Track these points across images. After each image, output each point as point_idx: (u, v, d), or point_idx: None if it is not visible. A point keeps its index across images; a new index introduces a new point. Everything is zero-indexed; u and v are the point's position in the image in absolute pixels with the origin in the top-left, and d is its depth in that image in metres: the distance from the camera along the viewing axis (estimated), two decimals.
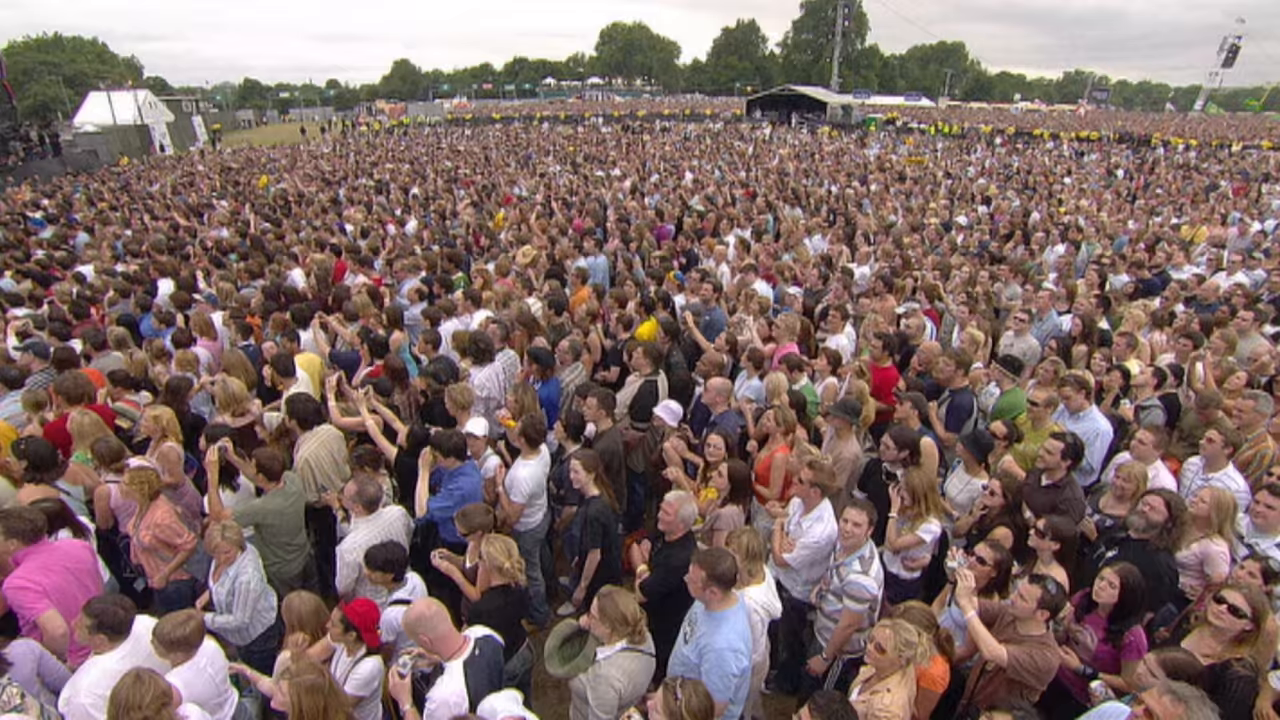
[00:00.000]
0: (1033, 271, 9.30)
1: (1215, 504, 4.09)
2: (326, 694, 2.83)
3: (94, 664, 3.19)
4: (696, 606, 3.38)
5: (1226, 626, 3.26)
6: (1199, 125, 52.96)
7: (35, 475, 4.50)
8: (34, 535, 3.84)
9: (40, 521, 3.89)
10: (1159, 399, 5.60)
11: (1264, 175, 21.72)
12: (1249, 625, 3.26)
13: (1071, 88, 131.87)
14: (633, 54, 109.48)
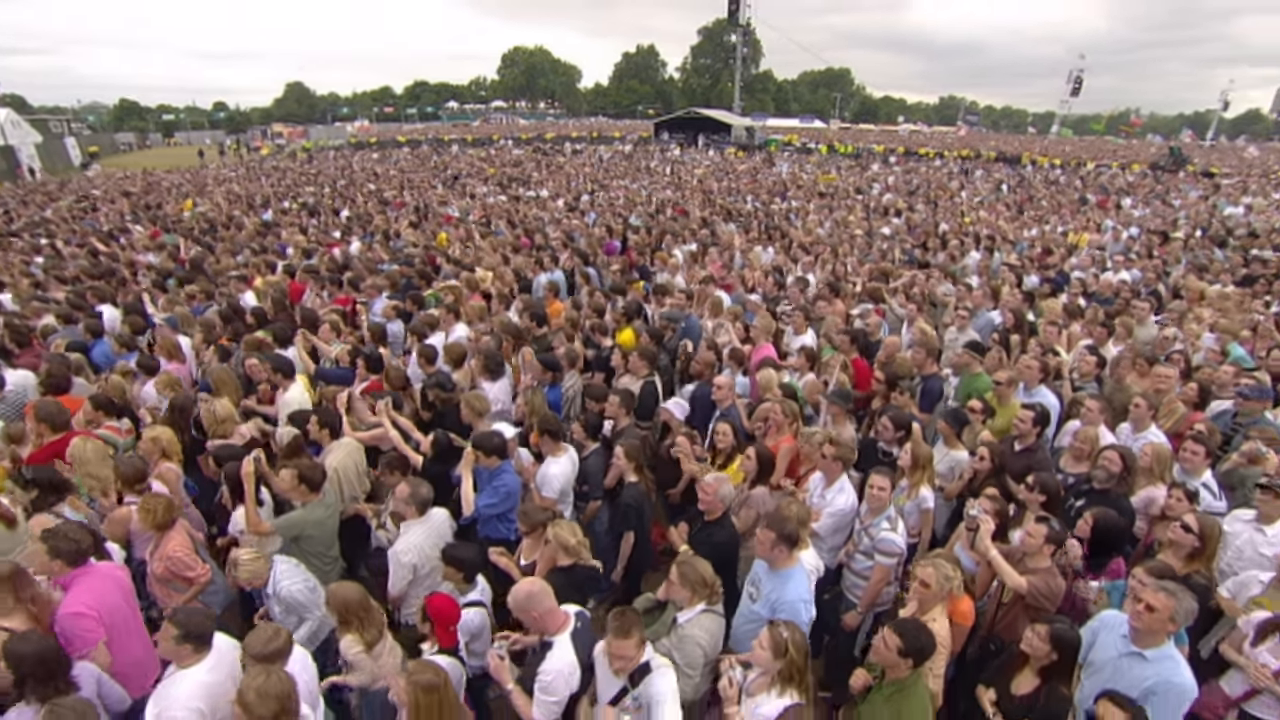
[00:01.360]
0: (958, 274, 10.32)
1: (1155, 456, 4.86)
2: (442, 692, 2.98)
3: (183, 677, 3.18)
4: (758, 568, 3.76)
5: (1181, 541, 3.95)
6: (1057, 146, 58.71)
7: (46, 501, 4.32)
8: (80, 557, 3.73)
9: (86, 543, 3.78)
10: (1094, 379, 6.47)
11: (1119, 189, 24.53)
12: (1198, 543, 3.96)
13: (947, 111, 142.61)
14: (535, 77, 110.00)
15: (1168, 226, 15.37)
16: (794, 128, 75.88)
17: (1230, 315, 8.33)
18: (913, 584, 3.48)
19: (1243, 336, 7.75)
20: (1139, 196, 22.03)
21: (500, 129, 68.22)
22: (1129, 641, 3.28)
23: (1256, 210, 18.96)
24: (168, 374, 6.27)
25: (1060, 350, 7.12)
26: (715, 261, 11.30)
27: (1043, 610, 3.76)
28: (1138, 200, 21.15)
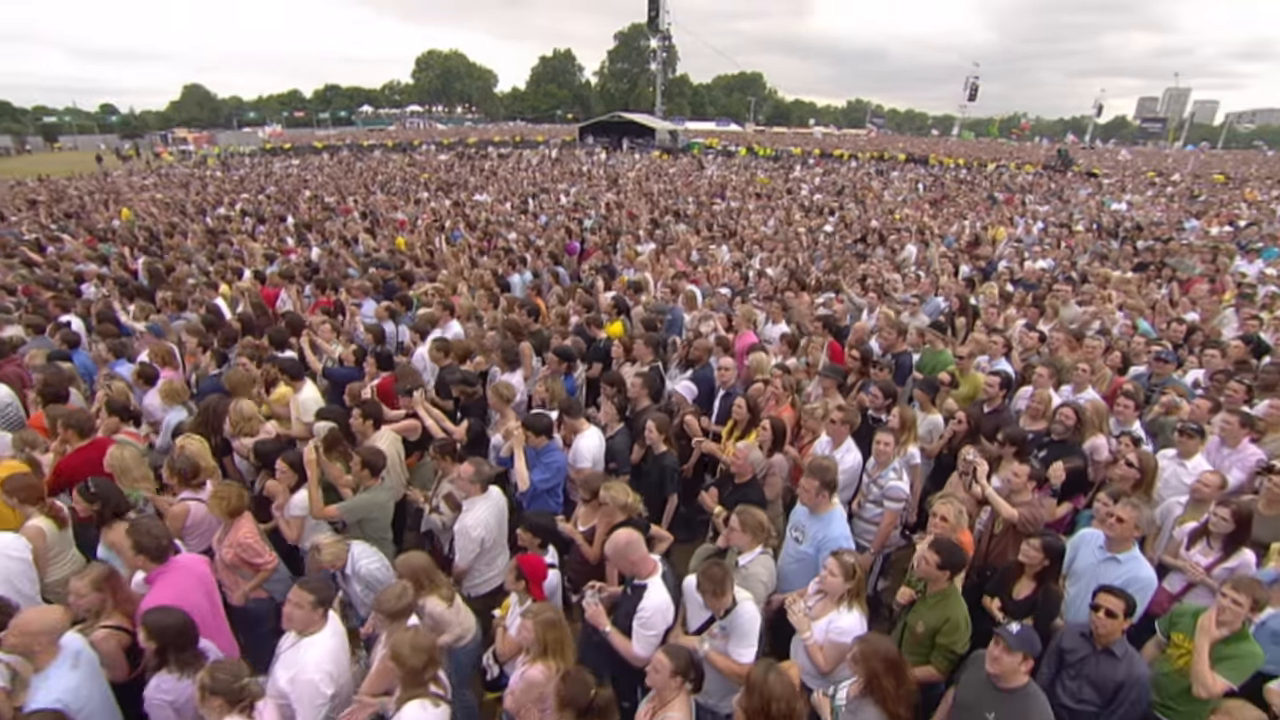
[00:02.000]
0: (903, 265, 11.32)
1: (1096, 411, 5.75)
2: (562, 628, 3.41)
3: (311, 643, 3.45)
4: (800, 515, 4.34)
5: (1127, 475, 4.78)
6: (959, 147, 62.76)
7: (110, 515, 4.40)
8: (162, 553, 3.89)
9: (167, 540, 3.95)
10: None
11: (1020, 188, 26.79)
12: (1139, 475, 4.80)
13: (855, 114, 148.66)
14: (451, 81, 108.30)
15: (1068, 221, 17.09)
16: (712, 130, 77.30)
17: (1134, 296, 9.59)
18: (933, 519, 4.13)
19: (1146, 313, 9.00)
20: (1038, 194, 24.15)
21: (420, 134, 66.97)
22: (1104, 550, 4.05)
23: (1136, 206, 21.23)
24: (169, 382, 6.29)
25: (999, 329, 8.09)
26: (676, 259, 11.91)
27: (1030, 536, 4.50)
28: (1038, 198, 23.21)
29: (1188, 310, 9.14)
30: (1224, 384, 6.32)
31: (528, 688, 3.23)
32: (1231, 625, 3.53)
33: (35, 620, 3.17)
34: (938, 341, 7.28)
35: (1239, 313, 8.98)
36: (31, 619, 3.18)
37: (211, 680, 2.92)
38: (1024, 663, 3.04)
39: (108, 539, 4.34)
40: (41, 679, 3.15)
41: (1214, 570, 4.25)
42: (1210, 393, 6.22)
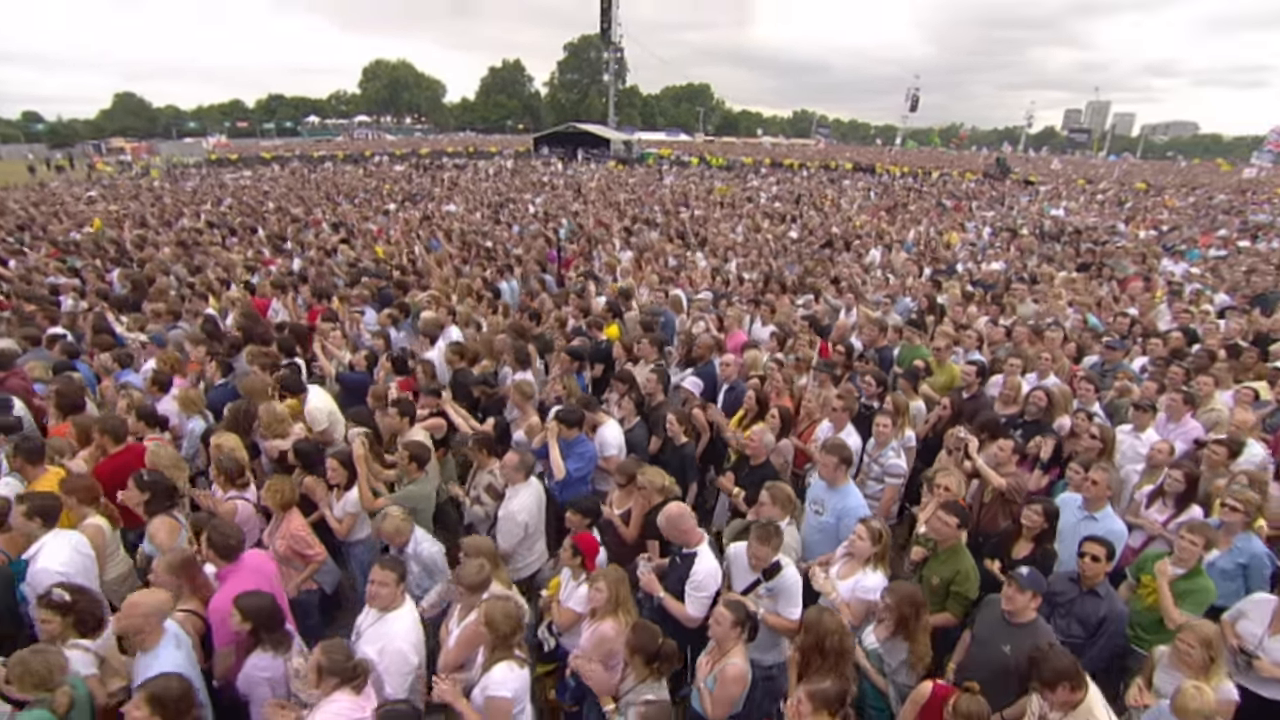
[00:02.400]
0: (869, 268, 12.05)
1: (1062, 394, 6.43)
2: (628, 585, 3.81)
3: (395, 617, 3.74)
4: (818, 490, 4.82)
5: (1092, 446, 5.42)
6: (903, 156, 65.17)
7: (159, 506, 4.60)
8: (233, 552, 4.10)
9: (237, 540, 4.17)
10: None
11: (965, 195, 28.23)
12: (1102, 445, 5.45)
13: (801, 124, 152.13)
14: (399, 92, 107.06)
15: (1013, 226, 18.24)
16: (663, 140, 77.85)
17: (1081, 294, 10.48)
18: (937, 490, 4.66)
19: (1093, 309, 9.86)
20: (983, 201, 25.54)
21: (370, 144, 66.06)
22: (1083, 510, 4.65)
23: (1073, 212, 22.71)
24: (187, 391, 6.43)
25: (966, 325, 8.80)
26: (654, 266, 12.38)
27: (1014, 502, 5.08)
28: (983, 204, 24.56)
29: (1128, 306, 10.05)
30: (1165, 368, 7.11)
31: (600, 641, 3.61)
32: (1187, 563, 4.15)
33: (144, 601, 3.41)
34: (914, 337, 7.90)
35: (1171, 307, 9.93)
36: (140, 600, 3.41)
37: (327, 660, 3.20)
38: (1033, 600, 3.58)
39: (151, 531, 4.54)
40: (152, 657, 3.38)
41: (1169, 525, 4.90)
42: (1155, 376, 6.99)
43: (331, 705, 3.12)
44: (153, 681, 3.00)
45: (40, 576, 4.03)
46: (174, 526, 4.52)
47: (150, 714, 2.88)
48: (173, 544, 4.46)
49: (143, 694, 2.91)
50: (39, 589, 4.03)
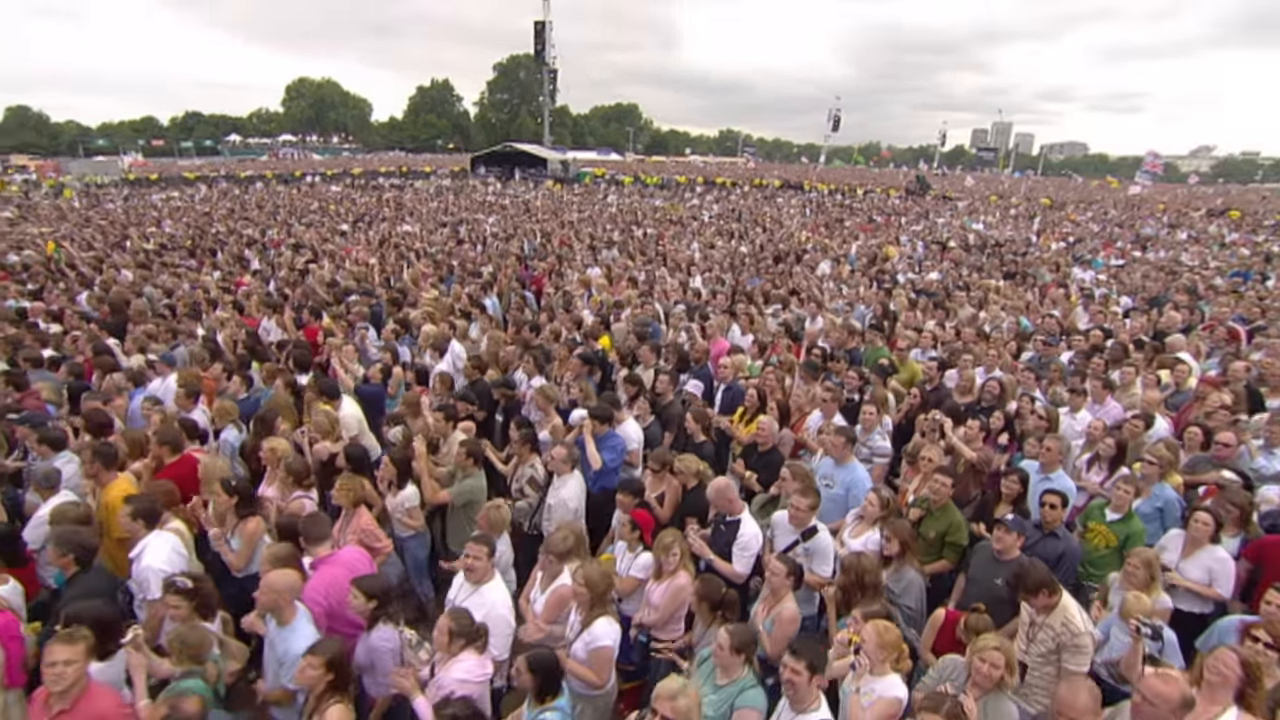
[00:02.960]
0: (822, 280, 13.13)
1: (1011, 383, 7.49)
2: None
3: (493, 587, 4.27)
4: (826, 466, 5.62)
5: (1039, 425, 6.43)
6: (829, 174, 68.26)
7: (247, 509, 4.99)
8: (325, 540, 4.60)
9: (327, 530, 4.65)
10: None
11: (894, 211, 30.23)
12: (1047, 424, 6.47)
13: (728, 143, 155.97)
14: (325, 110, 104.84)
15: (942, 239, 19.89)
16: (595, 160, 78.45)
17: (1011, 299, 11.81)
18: (923, 461, 5.52)
19: (1023, 312, 11.17)
20: (910, 217, 27.47)
21: (299, 164, 64.59)
22: (1040, 474, 5.60)
23: (991, 226, 24.78)
24: (223, 403, 6.74)
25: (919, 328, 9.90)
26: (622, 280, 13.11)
27: (982, 472, 6.02)
28: (910, 219, 26.44)
29: (1051, 309, 11.41)
30: (1088, 361, 8.30)
31: (676, 593, 4.27)
32: (1121, 508, 5.14)
33: (281, 581, 3.86)
34: (876, 339, 8.90)
35: (1087, 310, 11.35)
36: (276, 578, 3.86)
37: (456, 624, 3.73)
38: (1018, 539, 4.46)
39: (244, 530, 4.94)
40: (290, 631, 3.83)
41: (1105, 484, 5.92)
42: (1080, 367, 8.18)
43: (460, 665, 3.64)
44: (323, 644, 3.49)
45: (146, 574, 4.40)
46: (261, 525, 4.93)
47: (325, 672, 3.37)
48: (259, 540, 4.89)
49: (317, 656, 3.39)
50: (145, 585, 4.42)
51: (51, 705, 3.33)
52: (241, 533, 4.91)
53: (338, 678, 3.39)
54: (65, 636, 3.34)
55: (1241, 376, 7.76)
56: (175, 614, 3.94)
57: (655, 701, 2.97)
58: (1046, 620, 3.90)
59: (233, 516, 4.95)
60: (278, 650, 3.81)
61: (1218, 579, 4.74)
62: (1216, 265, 16.81)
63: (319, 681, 3.34)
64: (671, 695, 2.94)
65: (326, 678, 3.35)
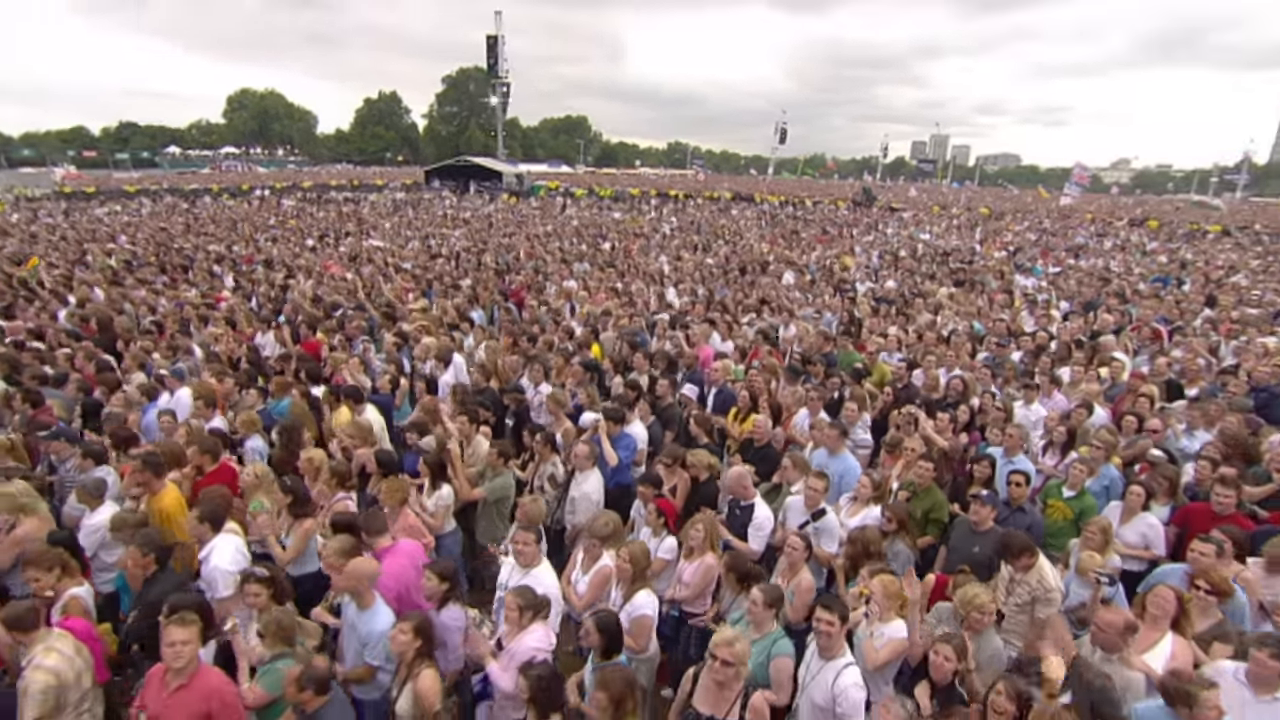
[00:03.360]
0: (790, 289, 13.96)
1: (971, 381, 8.34)
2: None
3: (544, 569, 4.74)
4: (819, 456, 6.29)
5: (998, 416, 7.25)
6: (778, 185, 70.12)
7: (302, 510, 5.38)
8: (385, 533, 5.04)
9: (385, 524, 5.08)
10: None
11: (846, 222, 31.58)
12: (1004, 413, 7.30)
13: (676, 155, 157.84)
14: (268, 122, 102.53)
15: (894, 249, 21.07)
16: (546, 172, 78.52)
17: (964, 304, 12.83)
18: (907, 451, 6.24)
19: (975, 317, 12.17)
20: (861, 228, 28.81)
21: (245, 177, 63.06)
22: (1005, 458, 6.39)
23: (938, 236, 26.23)
24: (249, 413, 7.05)
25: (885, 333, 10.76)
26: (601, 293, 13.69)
27: (952, 459, 6.79)
28: (861, 231, 27.75)
29: (1000, 313, 12.46)
30: (1036, 359, 9.25)
31: (707, 571, 4.84)
32: (1076, 485, 5.94)
33: (362, 567, 4.28)
34: (848, 344, 9.70)
35: (1031, 313, 12.43)
36: (358, 565, 4.28)
37: (524, 600, 4.22)
38: (991, 512, 5.19)
39: (298, 529, 5.33)
40: (371, 614, 4.25)
41: (1059, 466, 6.76)
42: (1029, 365, 9.11)
43: (531, 635, 4.13)
44: (409, 615, 3.95)
45: (215, 574, 4.76)
46: (314, 523, 5.32)
47: (414, 639, 3.82)
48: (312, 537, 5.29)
49: (407, 623, 3.85)
50: (214, 584, 4.78)
51: (169, 682, 3.70)
52: (296, 530, 5.29)
53: (425, 644, 3.85)
54: (180, 620, 3.71)
55: (1164, 372, 8.82)
56: (255, 601, 4.31)
57: (715, 649, 3.53)
58: (1024, 578, 4.63)
59: (287, 516, 5.32)
60: (360, 632, 4.23)
61: (1151, 541, 5.59)
62: (1140, 272, 18.40)
63: (409, 648, 3.80)
64: (729, 642, 3.52)
65: (415, 644, 3.81)
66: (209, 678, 3.78)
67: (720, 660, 3.50)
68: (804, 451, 6.76)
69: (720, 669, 3.45)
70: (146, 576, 4.59)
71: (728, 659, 3.49)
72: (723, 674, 3.46)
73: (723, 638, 3.58)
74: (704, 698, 3.63)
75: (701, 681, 3.68)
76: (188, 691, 3.68)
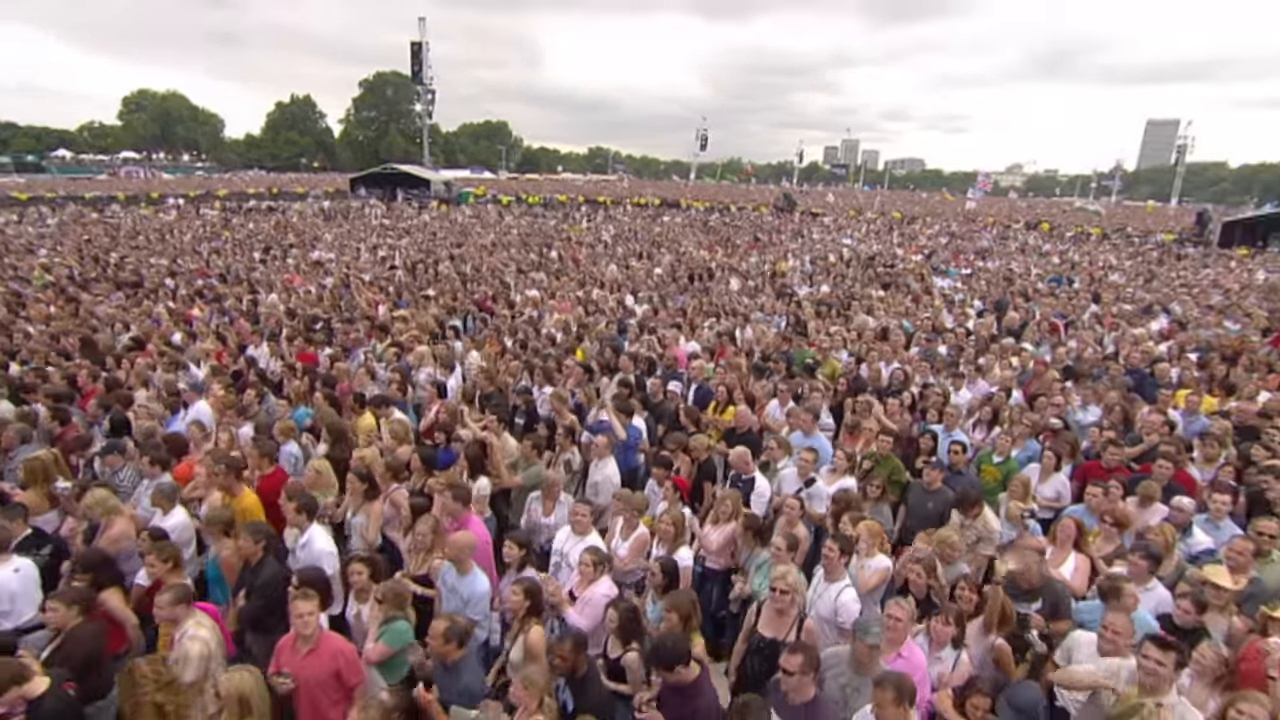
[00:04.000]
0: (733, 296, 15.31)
1: (910, 372, 9.79)
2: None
3: (594, 537, 5.72)
4: (796, 437, 7.49)
5: (938, 401, 8.71)
6: (700, 191, 72.23)
7: (374, 493, 6.15)
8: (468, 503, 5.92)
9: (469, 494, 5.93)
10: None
11: (774, 229, 33.49)
12: (943, 399, 8.76)
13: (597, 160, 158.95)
14: (171, 125, 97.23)
15: (824, 254, 22.86)
16: (470, 178, 77.70)
17: (895, 306, 14.48)
18: (866, 432, 7.53)
19: (904, 316, 13.81)
20: (788, 234, 30.71)
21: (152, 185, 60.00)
22: (946, 431, 7.78)
23: (860, 240, 28.37)
24: (285, 421, 7.67)
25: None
26: (566, 301, 14.62)
27: (901, 437, 8.13)
28: (788, 236, 29.64)
29: (924, 312, 14.16)
30: (960, 352, 10.85)
31: (729, 534, 5.92)
32: (1004, 453, 7.38)
33: (464, 539, 5.13)
34: (802, 343, 11.04)
35: (951, 312, 14.20)
36: (460, 538, 5.14)
37: (596, 556, 5.17)
38: (940, 474, 6.52)
39: (370, 510, 6.10)
40: (472, 578, 5.09)
41: (985, 440, 8.23)
42: (955, 357, 10.69)
43: (602, 583, 5.10)
44: (521, 578, 4.86)
45: (321, 557, 5.47)
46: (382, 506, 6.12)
47: (525, 599, 4.71)
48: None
49: (520, 585, 4.74)
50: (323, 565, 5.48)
51: (299, 647, 4.45)
52: (369, 512, 6.05)
53: (534, 604, 4.75)
54: (304, 594, 4.49)
55: (1063, 360, 10.57)
56: (359, 579, 5.10)
57: (774, 582, 4.61)
58: (973, 523, 5.95)
59: (363, 500, 6.08)
60: (462, 594, 5.05)
61: (1062, 495, 7.07)
62: (1037, 272, 20.80)
63: (521, 606, 4.70)
64: (782, 575, 4.61)
65: (526, 604, 4.71)
66: (332, 640, 4.54)
67: (779, 590, 4.58)
68: (783, 433, 7.98)
69: (780, 598, 4.53)
70: (252, 565, 5.27)
71: (784, 589, 4.57)
72: (781, 602, 4.54)
73: (778, 573, 4.67)
74: (767, 623, 4.68)
75: (764, 612, 4.74)
76: (317, 654, 4.42)
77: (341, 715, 4.40)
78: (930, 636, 4.52)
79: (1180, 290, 17.84)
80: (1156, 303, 15.63)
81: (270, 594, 5.14)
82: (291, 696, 4.30)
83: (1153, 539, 5.35)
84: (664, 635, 4.11)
